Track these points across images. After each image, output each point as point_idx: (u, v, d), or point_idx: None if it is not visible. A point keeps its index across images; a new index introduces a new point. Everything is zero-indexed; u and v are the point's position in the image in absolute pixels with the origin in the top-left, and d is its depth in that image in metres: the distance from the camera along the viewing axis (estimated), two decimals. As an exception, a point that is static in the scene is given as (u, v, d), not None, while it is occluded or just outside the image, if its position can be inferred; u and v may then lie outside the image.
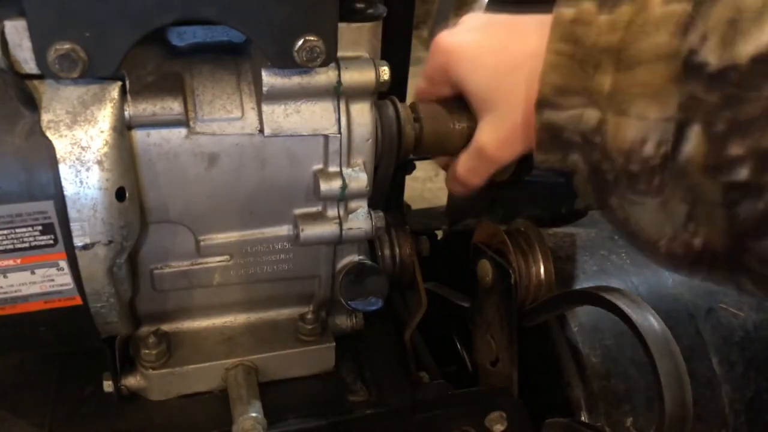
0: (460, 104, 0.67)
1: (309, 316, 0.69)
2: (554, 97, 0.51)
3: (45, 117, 0.51)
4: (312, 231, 0.62)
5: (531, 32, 0.55)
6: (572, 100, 0.50)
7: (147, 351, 0.65)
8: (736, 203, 0.44)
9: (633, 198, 0.49)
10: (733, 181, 0.43)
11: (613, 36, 0.48)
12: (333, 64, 0.57)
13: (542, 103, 0.51)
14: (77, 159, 0.51)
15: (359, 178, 0.61)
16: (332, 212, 0.63)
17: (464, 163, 0.66)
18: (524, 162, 0.64)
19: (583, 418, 0.68)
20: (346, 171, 0.61)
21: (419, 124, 0.66)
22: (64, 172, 0.50)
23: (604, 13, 0.49)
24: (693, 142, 0.45)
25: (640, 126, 0.46)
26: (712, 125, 0.44)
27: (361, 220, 0.64)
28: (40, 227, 0.51)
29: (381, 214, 0.66)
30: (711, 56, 0.43)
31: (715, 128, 0.43)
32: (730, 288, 0.51)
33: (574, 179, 0.57)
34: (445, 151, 0.69)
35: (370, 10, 0.59)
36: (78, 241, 0.53)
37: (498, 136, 0.60)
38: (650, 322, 0.56)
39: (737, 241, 0.46)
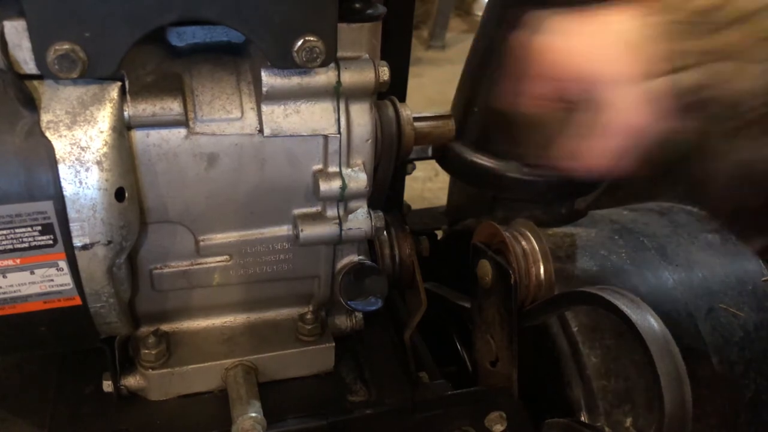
0: None
1: (309, 316, 0.69)
2: (679, 61, 0.53)
3: (44, 117, 0.51)
4: (312, 231, 0.62)
5: (626, 17, 0.57)
6: (695, 60, 0.52)
7: (147, 351, 0.65)
8: None
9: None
10: None
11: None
12: (333, 65, 0.57)
13: (669, 69, 0.53)
14: (77, 159, 0.51)
15: (359, 178, 0.61)
16: (332, 212, 0.63)
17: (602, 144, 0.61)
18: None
19: (583, 418, 0.68)
20: (345, 171, 0.61)
21: None
22: (64, 172, 0.50)
23: None
24: None
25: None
26: None
27: (360, 220, 0.64)
28: (39, 227, 0.51)
29: (381, 214, 0.66)
30: None
31: None
32: None
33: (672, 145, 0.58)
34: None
35: (370, 10, 0.59)
36: (77, 241, 0.53)
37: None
38: (650, 322, 0.56)
39: None
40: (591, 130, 0.64)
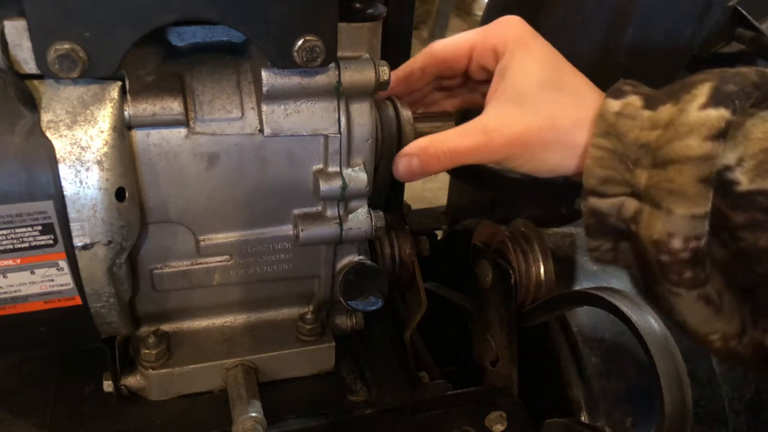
0: None
1: (309, 316, 0.69)
2: (598, 187, 0.53)
3: (45, 117, 0.51)
4: (312, 231, 0.62)
5: (588, 99, 0.57)
6: (614, 189, 0.52)
7: (147, 351, 0.65)
8: None
9: (669, 288, 0.51)
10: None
11: (652, 133, 0.50)
12: (333, 64, 0.57)
13: (588, 192, 0.53)
14: (77, 159, 0.51)
15: (359, 178, 0.61)
16: (332, 212, 0.63)
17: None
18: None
19: (583, 418, 0.68)
20: (346, 171, 0.61)
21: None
22: (64, 172, 0.50)
23: (648, 109, 0.51)
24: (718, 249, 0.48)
25: (668, 220, 0.48)
26: (737, 240, 0.47)
27: (361, 220, 0.64)
28: (39, 227, 0.51)
29: (381, 214, 0.66)
30: (743, 177, 0.46)
31: (739, 244, 0.47)
32: None
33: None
34: None
35: (370, 10, 0.59)
36: (78, 241, 0.53)
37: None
38: (650, 323, 0.56)
39: None
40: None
